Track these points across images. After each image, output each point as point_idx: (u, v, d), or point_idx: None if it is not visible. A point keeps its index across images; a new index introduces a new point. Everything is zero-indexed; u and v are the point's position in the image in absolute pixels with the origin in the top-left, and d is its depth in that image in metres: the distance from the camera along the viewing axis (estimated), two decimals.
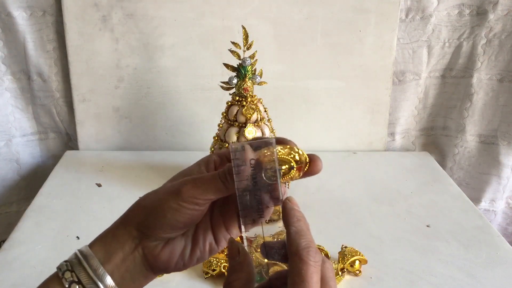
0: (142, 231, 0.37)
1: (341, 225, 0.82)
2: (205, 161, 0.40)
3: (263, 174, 0.35)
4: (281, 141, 0.37)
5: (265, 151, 0.35)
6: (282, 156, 0.35)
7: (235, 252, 0.36)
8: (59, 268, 0.37)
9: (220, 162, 0.40)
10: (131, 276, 0.38)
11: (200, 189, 0.36)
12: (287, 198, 0.37)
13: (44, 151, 1.11)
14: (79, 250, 0.37)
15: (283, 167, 0.35)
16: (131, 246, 0.37)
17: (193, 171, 0.39)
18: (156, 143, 1.09)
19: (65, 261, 0.37)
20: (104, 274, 0.36)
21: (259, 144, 0.35)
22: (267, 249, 0.36)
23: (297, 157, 0.36)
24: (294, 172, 0.36)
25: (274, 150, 0.35)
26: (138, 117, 1.07)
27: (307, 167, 0.36)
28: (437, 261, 0.73)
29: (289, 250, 0.34)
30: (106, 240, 0.38)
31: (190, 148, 1.09)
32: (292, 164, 0.35)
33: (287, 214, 0.36)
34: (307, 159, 0.36)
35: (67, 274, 0.36)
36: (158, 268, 0.39)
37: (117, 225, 0.39)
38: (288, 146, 0.36)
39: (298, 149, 0.36)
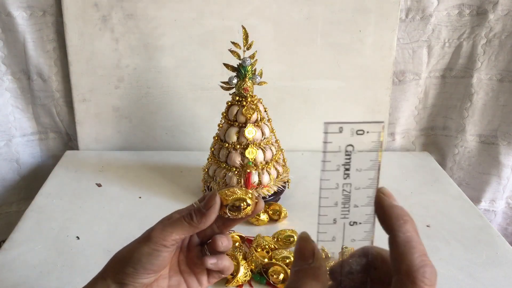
0: (120, 281, 0.40)
1: None
2: (167, 217, 0.44)
3: (227, 210, 0.42)
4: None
5: (227, 191, 0.43)
6: (240, 196, 0.43)
7: (309, 253, 0.30)
8: None
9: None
10: None
11: (167, 231, 0.41)
12: (380, 190, 0.30)
13: (44, 151, 1.11)
14: None
15: (242, 204, 0.43)
16: None
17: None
18: (156, 143, 1.09)
19: None
20: None
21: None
22: (342, 275, 0.30)
23: (249, 198, 0.43)
24: (249, 208, 0.43)
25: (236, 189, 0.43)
26: (138, 117, 1.07)
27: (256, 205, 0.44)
28: (437, 261, 0.72)
29: (396, 265, 0.28)
30: None
31: (190, 148, 1.09)
32: (248, 201, 0.43)
33: (388, 214, 0.29)
34: (256, 198, 0.44)
35: None
36: None
37: (95, 280, 0.42)
38: (244, 189, 0.46)
39: (247, 191, 0.44)
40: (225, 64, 0.81)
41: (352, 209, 0.30)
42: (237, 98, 0.82)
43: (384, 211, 0.29)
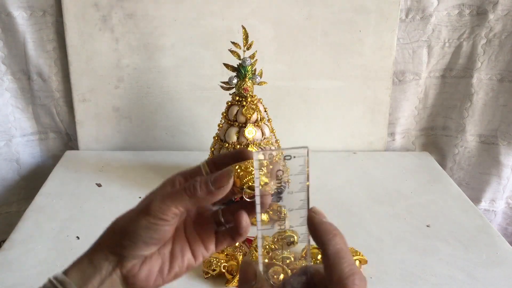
0: (118, 252, 0.38)
1: (341, 225, 0.81)
2: (170, 182, 0.41)
3: (245, 191, 0.37)
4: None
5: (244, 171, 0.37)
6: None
7: (251, 275, 0.33)
8: None
9: (185, 182, 0.40)
10: None
11: (166, 204, 0.37)
12: (311, 210, 0.33)
13: (44, 151, 1.11)
14: (54, 277, 0.37)
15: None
16: (108, 269, 0.38)
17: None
18: (156, 143, 1.09)
19: None
20: None
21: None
22: None
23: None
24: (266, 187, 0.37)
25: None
26: (138, 117, 1.07)
27: None
28: (437, 261, 0.73)
29: (329, 276, 0.30)
30: (82, 266, 0.38)
31: (190, 148, 1.09)
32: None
33: (319, 230, 0.32)
34: None
35: None
36: (138, 287, 0.39)
37: (92, 249, 0.39)
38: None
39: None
40: (225, 64, 0.81)
41: (288, 230, 0.33)
42: (237, 98, 0.82)
43: (315, 228, 0.32)
